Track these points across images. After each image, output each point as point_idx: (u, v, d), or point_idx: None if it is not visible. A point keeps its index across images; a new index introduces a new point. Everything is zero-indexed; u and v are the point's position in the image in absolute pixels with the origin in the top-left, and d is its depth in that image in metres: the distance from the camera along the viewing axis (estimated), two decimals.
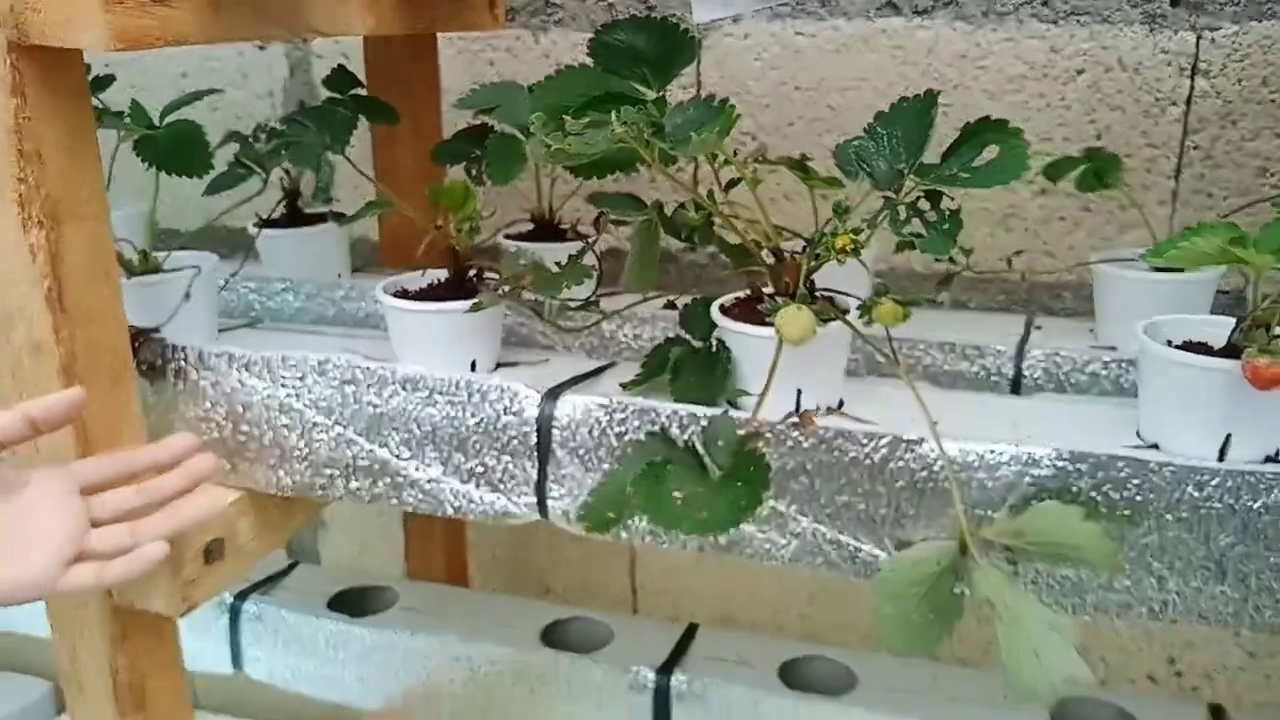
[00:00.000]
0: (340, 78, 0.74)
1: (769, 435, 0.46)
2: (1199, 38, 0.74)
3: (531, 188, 0.77)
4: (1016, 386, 0.61)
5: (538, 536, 1.05)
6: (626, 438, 0.51)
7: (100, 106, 0.68)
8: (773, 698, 0.73)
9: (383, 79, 0.79)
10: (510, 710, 0.80)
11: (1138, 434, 0.50)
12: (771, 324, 0.48)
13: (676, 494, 0.41)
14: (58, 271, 0.52)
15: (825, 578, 0.95)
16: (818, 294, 0.50)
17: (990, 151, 0.44)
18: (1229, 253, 0.38)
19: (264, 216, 0.80)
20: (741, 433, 0.44)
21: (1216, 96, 0.75)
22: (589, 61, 0.54)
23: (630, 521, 0.51)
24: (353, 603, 0.88)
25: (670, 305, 0.66)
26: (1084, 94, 0.77)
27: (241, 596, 0.87)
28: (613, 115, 0.41)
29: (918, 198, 0.45)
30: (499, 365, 0.62)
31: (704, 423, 0.46)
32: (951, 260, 0.57)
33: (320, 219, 0.81)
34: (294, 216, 0.80)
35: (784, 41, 0.83)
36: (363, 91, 0.76)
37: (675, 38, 0.54)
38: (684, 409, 0.50)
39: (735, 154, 0.51)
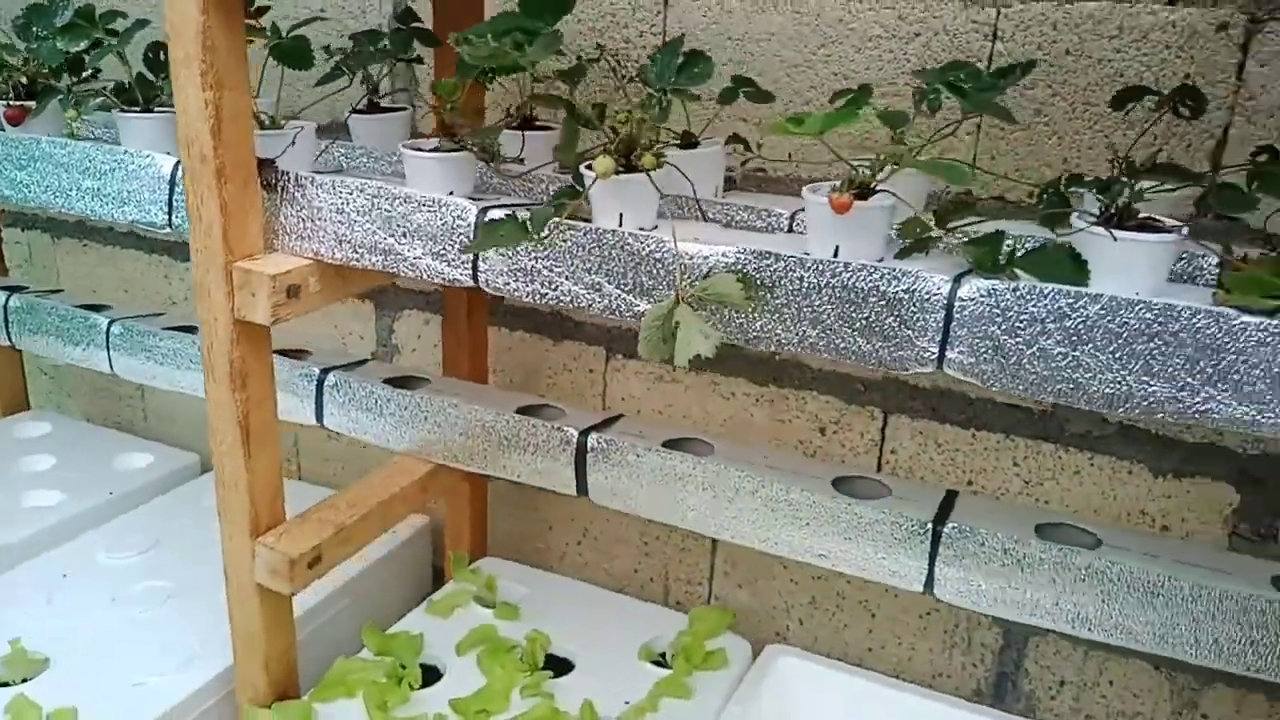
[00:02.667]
0: (405, 14, 1.12)
1: (566, 220, 0.81)
2: (998, 12, 1.02)
3: (516, 96, 1.13)
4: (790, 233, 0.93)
5: (541, 372, 1.42)
6: None
7: (251, 25, 1.08)
8: (652, 454, 1.08)
9: (443, 17, 1.17)
10: (488, 454, 1.18)
11: (805, 250, 0.82)
12: None
13: (502, 234, 0.78)
14: (219, 115, 0.92)
15: (727, 409, 1.29)
16: (632, 156, 0.84)
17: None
18: (784, 127, 0.69)
19: (355, 106, 1.19)
20: (553, 218, 0.80)
21: (1008, 56, 1.02)
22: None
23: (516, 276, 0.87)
24: (400, 384, 1.28)
25: None
26: (919, 51, 1.06)
27: (326, 372, 1.28)
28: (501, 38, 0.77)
29: (665, 92, 0.79)
30: (469, 197, 0.99)
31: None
32: (749, 150, 0.90)
33: (390, 110, 1.20)
34: (372, 107, 1.19)
35: (723, 4, 1.15)
36: (420, 24, 1.14)
37: None
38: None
39: (615, 70, 0.86)
